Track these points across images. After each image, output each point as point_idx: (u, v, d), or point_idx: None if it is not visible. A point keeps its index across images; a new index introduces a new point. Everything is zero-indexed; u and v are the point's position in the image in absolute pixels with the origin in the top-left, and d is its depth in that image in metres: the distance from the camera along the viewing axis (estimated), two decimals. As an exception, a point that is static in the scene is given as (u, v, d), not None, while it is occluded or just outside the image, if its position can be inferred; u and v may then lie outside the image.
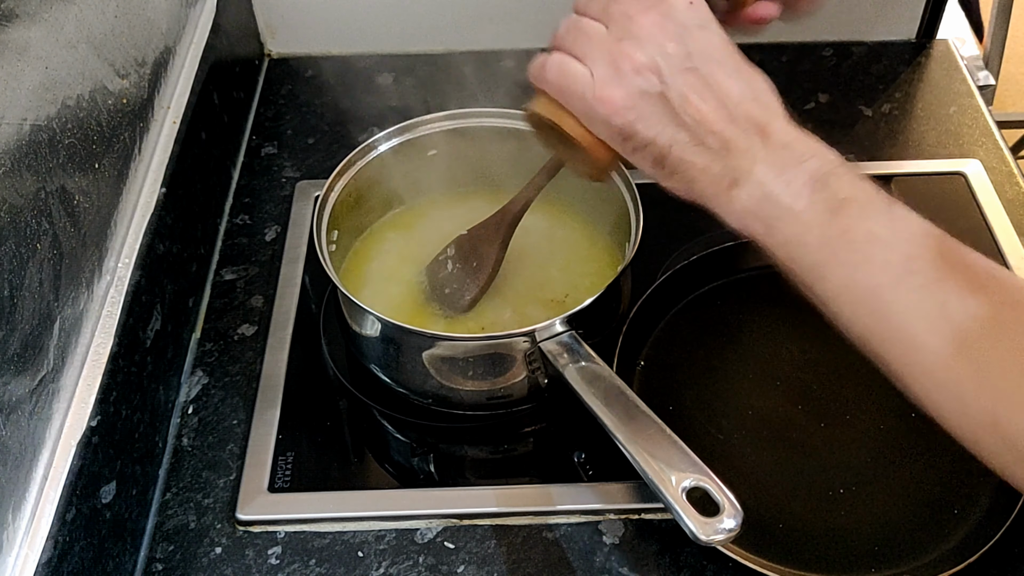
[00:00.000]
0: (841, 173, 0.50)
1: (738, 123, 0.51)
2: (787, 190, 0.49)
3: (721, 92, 0.51)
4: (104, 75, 0.69)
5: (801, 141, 0.51)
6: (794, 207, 0.49)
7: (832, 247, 0.49)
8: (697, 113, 0.51)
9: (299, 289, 0.80)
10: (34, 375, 0.57)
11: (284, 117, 0.98)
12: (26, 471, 0.56)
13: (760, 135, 0.51)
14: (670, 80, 0.51)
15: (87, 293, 0.64)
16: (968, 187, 0.87)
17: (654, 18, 0.51)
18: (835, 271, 0.49)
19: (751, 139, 0.51)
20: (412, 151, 0.77)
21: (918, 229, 0.48)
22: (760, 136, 0.51)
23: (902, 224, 0.48)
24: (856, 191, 0.49)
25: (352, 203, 0.75)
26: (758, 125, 0.51)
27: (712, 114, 0.51)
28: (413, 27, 1.02)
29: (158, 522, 0.67)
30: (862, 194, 0.49)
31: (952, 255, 0.48)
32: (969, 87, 0.98)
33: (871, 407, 0.71)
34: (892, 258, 0.47)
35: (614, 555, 0.64)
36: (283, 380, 0.74)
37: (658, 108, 0.51)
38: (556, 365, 0.63)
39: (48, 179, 0.59)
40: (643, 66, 0.51)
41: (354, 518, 0.66)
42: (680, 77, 0.51)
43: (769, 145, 0.50)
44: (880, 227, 0.48)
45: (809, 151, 0.51)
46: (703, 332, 0.76)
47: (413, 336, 0.66)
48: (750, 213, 0.50)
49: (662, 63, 0.51)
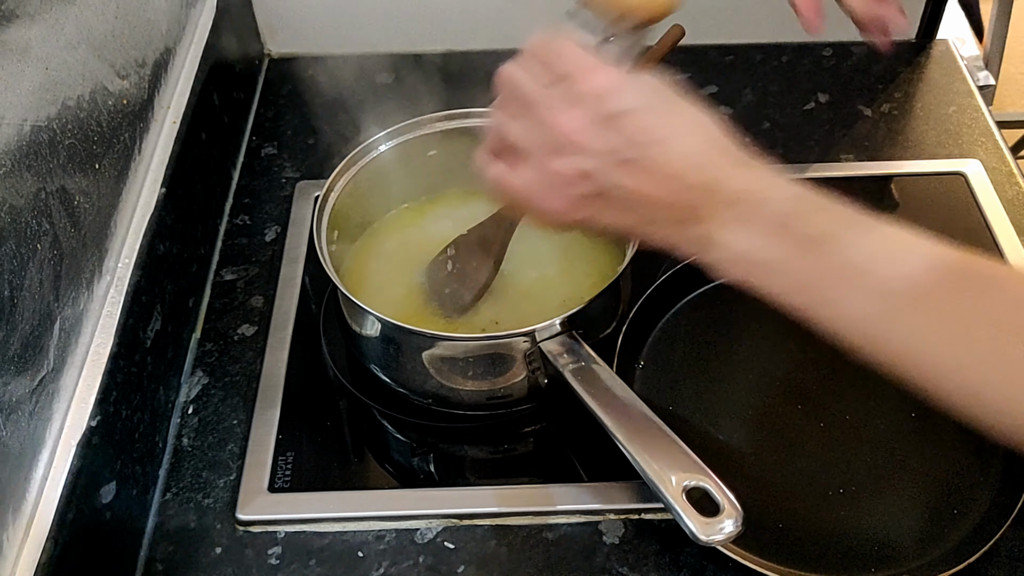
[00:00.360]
0: (802, 209, 0.49)
1: (684, 192, 0.49)
2: (754, 244, 0.49)
3: (660, 170, 0.49)
4: (104, 76, 0.69)
5: (755, 182, 0.50)
6: (766, 260, 0.49)
7: (815, 289, 0.48)
8: (641, 198, 0.50)
9: (299, 289, 0.80)
10: (34, 375, 0.57)
11: (284, 117, 0.98)
12: (26, 471, 0.56)
13: (710, 195, 0.49)
14: (604, 179, 0.50)
15: (87, 293, 0.64)
16: (968, 187, 0.87)
17: (575, 119, 0.50)
18: (824, 310, 0.48)
19: (703, 203, 0.49)
20: (412, 151, 0.77)
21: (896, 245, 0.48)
22: (711, 196, 0.49)
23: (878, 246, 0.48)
24: (821, 224, 0.48)
25: (352, 203, 0.75)
26: (706, 185, 0.49)
27: (656, 194, 0.49)
28: (413, 27, 1.02)
29: (158, 522, 0.67)
30: (828, 224, 0.48)
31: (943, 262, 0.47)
32: (969, 87, 0.98)
33: (871, 407, 0.71)
34: (875, 285, 0.46)
35: (614, 555, 0.64)
36: (283, 380, 0.74)
37: (602, 204, 0.51)
38: (556, 365, 0.63)
39: (48, 179, 0.59)
40: (574, 176, 0.50)
41: (354, 518, 0.66)
42: (614, 173, 0.50)
43: (723, 202, 0.49)
44: (856, 255, 0.47)
45: (765, 194, 0.49)
46: (703, 332, 0.76)
47: (413, 336, 0.66)
48: (727, 270, 0.50)
49: (592, 166, 0.50)
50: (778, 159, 0.91)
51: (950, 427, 0.69)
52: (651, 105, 0.51)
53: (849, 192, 0.94)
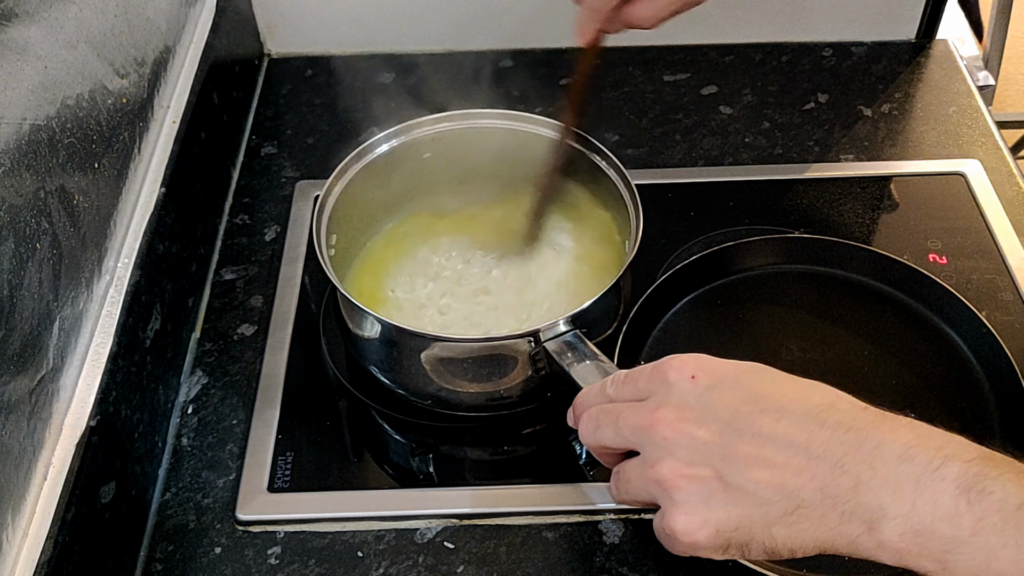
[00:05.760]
0: (989, 470, 0.41)
1: (823, 459, 0.43)
2: (939, 513, 0.41)
3: (780, 439, 0.44)
4: (104, 75, 0.69)
5: (918, 440, 0.43)
6: (961, 534, 0.40)
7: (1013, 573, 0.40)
8: (771, 479, 0.44)
9: (299, 289, 0.80)
10: (34, 375, 0.57)
11: (284, 117, 0.98)
12: (26, 471, 0.56)
13: (859, 454, 0.42)
14: (723, 468, 0.45)
15: (87, 293, 0.64)
16: (968, 187, 0.87)
17: (666, 416, 0.47)
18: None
19: (852, 467, 0.42)
20: (411, 152, 0.77)
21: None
22: (860, 455, 0.42)
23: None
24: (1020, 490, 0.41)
25: (351, 203, 0.75)
26: (848, 445, 0.43)
27: (788, 466, 0.44)
28: (413, 27, 1.02)
29: (158, 522, 0.67)
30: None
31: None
32: (969, 87, 0.98)
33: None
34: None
35: (614, 555, 0.64)
36: (283, 380, 0.74)
37: (730, 506, 0.45)
38: (561, 364, 0.63)
39: (47, 179, 0.59)
40: (691, 476, 0.45)
41: (354, 518, 0.66)
42: (730, 460, 0.44)
43: (882, 463, 0.42)
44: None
45: (933, 452, 0.42)
46: (703, 332, 0.76)
47: (415, 338, 0.66)
48: (910, 554, 0.42)
49: (702, 456, 0.45)
50: (778, 159, 0.91)
51: (950, 428, 0.69)
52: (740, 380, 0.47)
53: (849, 192, 0.94)
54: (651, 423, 0.47)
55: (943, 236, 0.83)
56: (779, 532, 0.44)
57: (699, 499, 0.45)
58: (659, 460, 0.47)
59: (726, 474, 0.45)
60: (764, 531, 0.45)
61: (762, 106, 0.96)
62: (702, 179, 0.89)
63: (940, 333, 0.74)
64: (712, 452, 0.46)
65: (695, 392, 0.48)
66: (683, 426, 0.46)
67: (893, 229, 0.84)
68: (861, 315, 0.75)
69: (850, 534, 0.43)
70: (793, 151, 0.92)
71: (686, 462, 0.46)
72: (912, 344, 0.73)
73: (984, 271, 0.80)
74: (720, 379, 0.48)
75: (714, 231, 0.83)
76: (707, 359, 0.50)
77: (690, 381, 0.48)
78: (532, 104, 0.84)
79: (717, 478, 0.45)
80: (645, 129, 0.94)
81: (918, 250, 0.81)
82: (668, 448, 0.46)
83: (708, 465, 0.46)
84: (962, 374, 0.71)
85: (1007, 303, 0.77)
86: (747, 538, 0.45)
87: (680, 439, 0.46)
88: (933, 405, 0.70)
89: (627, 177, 0.72)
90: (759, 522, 0.44)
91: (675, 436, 0.46)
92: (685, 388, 0.48)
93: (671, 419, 0.47)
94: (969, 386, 0.70)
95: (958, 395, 0.70)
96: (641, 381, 0.50)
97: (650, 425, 0.47)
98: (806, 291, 0.77)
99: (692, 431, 0.46)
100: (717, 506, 0.45)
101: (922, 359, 0.72)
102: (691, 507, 0.45)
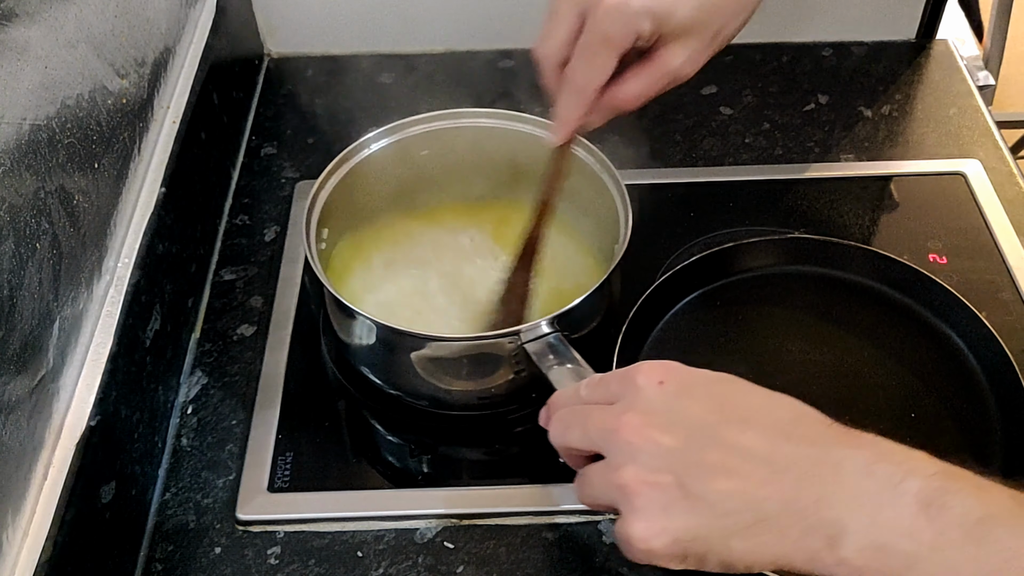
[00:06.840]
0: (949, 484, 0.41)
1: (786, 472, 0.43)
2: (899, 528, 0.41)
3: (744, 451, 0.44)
4: (104, 75, 0.69)
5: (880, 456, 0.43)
6: (921, 549, 0.40)
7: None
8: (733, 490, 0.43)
9: (298, 289, 0.80)
10: (34, 375, 0.57)
11: (284, 117, 0.98)
12: (26, 471, 0.56)
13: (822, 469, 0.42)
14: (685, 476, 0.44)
15: (87, 293, 0.64)
16: (968, 187, 0.87)
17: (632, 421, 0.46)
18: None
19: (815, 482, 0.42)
20: (405, 150, 0.77)
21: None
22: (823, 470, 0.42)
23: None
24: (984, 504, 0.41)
25: (344, 201, 0.75)
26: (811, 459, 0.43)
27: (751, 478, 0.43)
28: (413, 27, 1.02)
29: (158, 522, 0.67)
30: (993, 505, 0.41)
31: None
32: (969, 87, 0.98)
33: (871, 408, 0.70)
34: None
35: (614, 555, 0.64)
36: (282, 380, 0.74)
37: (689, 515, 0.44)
38: (540, 366, 0.63)
39: (47, 179, 0.59)
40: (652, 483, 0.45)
41: (353, 518, 0.66)
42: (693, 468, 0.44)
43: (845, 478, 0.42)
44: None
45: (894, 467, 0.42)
46: (703, 333, 0.76)
47: (402, 337, 0.65)
48: (869, 570, 0.41)
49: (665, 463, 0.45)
50: (778, 160, 0.91)
51: (950, 428, 0.69)
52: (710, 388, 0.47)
53: (849, 192, 0.94)
54: (617, 427, 0.47)
55: (943, 236, 0.83)
56: (737, 544, 0.44)
57: (658, 506, 0.45)
58: (622, 465, 0.46)
59: (687, 482, 0.45)
60: (722, 543, 0.44)
61: (762, 106, 0.96)
62: (702, 179, 0.89)
63: (940, 333, 0.74)
64: (675, 459, 0.45)
65: (662, 398, 0.48)
66: (648, 431, 0.46)
67: (893, 229, 0.84)
68: (861, 315, 0.75)
69: (810, 549, 0.42)
70: (793, 151, 0.92)
71: (648, 468, 0.46)
72: (912, 344, 0.73)
73: (984, 271, 0.80)
74: (688, 387, 0.48)
75: (714, 232, 0.83)
76: (677, 366, 0.50)
77: (658, 387, 0.48)
78: (532, 104, 0.84)
79: (678, 486, 0.45)
80: (645, 129, 0.94)
81: (918, 250, 0.81)
82: (631, 453, 0.46)
83: (670, 472, 0.45)
84: (962, 374, 0.71)
85: (1007, 303, 0.77)
86: (704, 549, 0.45)
87: (644, 444, 0.46)
88: (933, 405, 0.70)
89: (617, 177, 0.71)
90: (718, 533, 0.44)
91: (639, 441, 0.46)
92: (652, 394, 0.48)
93: (636, 424, 0.47)
94: (969, 386, 0.70)
95: (958, 395, 0.70)
96: (612, 385, 0.51)
97: (615, 429, 0.47)
98: (806, 292, 0.77)
99: (656, 437, 0.46)
100: (676, 514, 0.45)
101: (922, 359, 0.72)
102: (650, 514, 0.45)
